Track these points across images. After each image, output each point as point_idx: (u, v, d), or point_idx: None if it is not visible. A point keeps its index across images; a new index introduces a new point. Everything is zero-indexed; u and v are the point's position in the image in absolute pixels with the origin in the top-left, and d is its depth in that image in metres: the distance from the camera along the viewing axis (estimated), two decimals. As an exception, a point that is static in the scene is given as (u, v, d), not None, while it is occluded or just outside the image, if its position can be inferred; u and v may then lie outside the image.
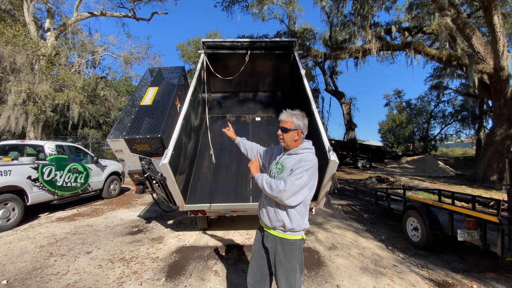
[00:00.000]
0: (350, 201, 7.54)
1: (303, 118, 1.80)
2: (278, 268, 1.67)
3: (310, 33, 16.86)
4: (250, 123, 4.97)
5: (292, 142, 1.77)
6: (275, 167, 1.80)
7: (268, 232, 1.74)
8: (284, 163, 1.75)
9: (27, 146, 5.93)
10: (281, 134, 1.77)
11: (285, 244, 1.68)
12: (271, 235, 1.72)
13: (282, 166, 1.75)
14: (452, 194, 5.10)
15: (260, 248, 1.80)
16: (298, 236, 1.70)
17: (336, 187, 2.96)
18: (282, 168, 1.74)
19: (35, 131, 11.60)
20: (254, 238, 1.87)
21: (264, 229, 1.78)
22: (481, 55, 9.73)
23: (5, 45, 10.32)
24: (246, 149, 2.22)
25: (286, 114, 1.80)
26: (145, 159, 3.78)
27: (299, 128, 1.76)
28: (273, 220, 1.70)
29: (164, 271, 3.09)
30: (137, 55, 17.13)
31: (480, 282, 2.99)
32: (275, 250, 1.69)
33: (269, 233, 1.73)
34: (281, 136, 1.78)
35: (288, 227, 1.66)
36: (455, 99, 25.03)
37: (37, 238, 4.16)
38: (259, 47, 5.28)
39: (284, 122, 1.77)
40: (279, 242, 1.69)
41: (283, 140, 1.79)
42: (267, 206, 1.74)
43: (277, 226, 1.69)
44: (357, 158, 18.35)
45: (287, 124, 1.76)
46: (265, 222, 1.74)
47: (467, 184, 9.84)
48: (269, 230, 1.74)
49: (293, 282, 1.67)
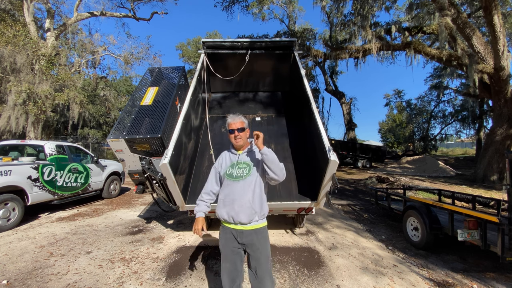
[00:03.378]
0: (350, 201, 7.54)
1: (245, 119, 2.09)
2: (259, 258, 1.87)
3: (310, 33, 16.85)
4: (250, 123, 4.97)
5: (245, 140, 2.05)
6: (237, 167, 1.98)
7: (243, 229, 1.89)
8: (247, 161, 1.99)
9: (27, 146, 5.93)
10: (238, 134, 1.99)
11: (261, 232, 1.92)
12: (246, 231, 1.89)
13: (247, 164, 1.97)
14: (452, 194, 5.10)
15: (233, 247, 1.91)
16: (266, 222, 2.00)
17: (336, 187, 2.96)
18: (248, 165, 1.97)
19: (35, 131, 11.60)
20: (222, 242, 1.96)
21: (238, 229, 1.90)
22: (481, 55, 9.73)
23: (5, 45, 10.33)
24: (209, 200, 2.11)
25: (236, 117, 2.05)
26: (145, 159, 3.78)
27: (247, 127, 2.08)
28: (250, 214, 1.87)
29: (164, 271, 3.09)
30: (137, 55, 17.15)
31: (480, 282, 2.99)
32: (252, 242, 1.88)
33: (244, 230, 1.89)
34: (238, 136, 2.00)
35: (260, 213, 1.92)
36: (455, 99, 25.07)
37: (37, 238, 4.17)
38: (259, 47, 5.27)
39: (237, 123, 2.00)
40: (255, 233, 1.90)
41: (241, 139, 2.00)
42: (241, 204, 1.88)
43: (253, 219, 1.89)
44: (357, 158, 18.35)
45: (241, 124, 2.01)
46: (241, 221, 1.87)
47: (467, 184, 9.84)
48: (244, 227, 1.89)
49: (270, 266, 1.94)
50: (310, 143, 4.04)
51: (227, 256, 1.92)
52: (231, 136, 2.02)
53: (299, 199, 3.46)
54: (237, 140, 2.01)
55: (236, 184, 1.93)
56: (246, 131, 2.05)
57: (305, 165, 4.01)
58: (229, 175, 1.98)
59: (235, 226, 1.91)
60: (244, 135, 2.03)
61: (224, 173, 2.02)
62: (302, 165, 4.04)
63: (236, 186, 1.92)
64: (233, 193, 1.91)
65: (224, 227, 1.97)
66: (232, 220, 1.89)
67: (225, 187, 1.98)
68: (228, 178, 1.98)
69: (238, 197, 1.90)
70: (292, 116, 5.05)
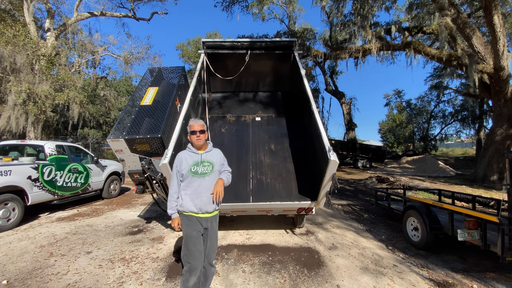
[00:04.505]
0: (350, 201, 7.54)
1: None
2: (214, 236, 2.32)
3: (310, 33, 16.85)
4: (250, 123, 4.97)
5: (204, 141, 2.36)
6: (201, 165, 2.27)
7: (207, 216, 2.24)
8: (209, 160, 2.31)
9: (27, 146, 5.93)
10: (200, 135, 2.30)
11: (216, 217, 2.37)
12: (209, 217, 2.26)
13: (209, 162, 2.30)
14: (452, 194, 5.10)
15: (198, 230, 2.20)
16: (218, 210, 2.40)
17: (336, 187, 2.96)
18: (211, 164, 2.30)
19: (35, 131, 11.60)
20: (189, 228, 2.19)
21: (203, 216, 2.22)
22: (481, 55, 9.72)
23: (5, 45, 10.32)
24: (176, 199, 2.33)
25: (198, 120, 2.36)
26: (145, 159, 3.78)
27: (207, 130, 2.42)
28: (213, 204, 2.25)
29: (164, 271, 3.09)
30: (137, 55, 17.13)
31: (480, 282, 2.99)
32: (212, 225, 2.29)
33: (208, 217, 2.25)
34: (200, 137, 2.30)
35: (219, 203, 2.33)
36: (455, 99, 25.05)
37: (37, 238, 4.16)
38: (259, 47, 5.28)
39: (199, 126, 2.31)
40: (214, 218, 2.32)
41: (201, 140, 2.31)
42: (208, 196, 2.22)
43: (215, 208, 2.30)
44: (357, 158, 18.35)
45: (202, 127, 2.33)
46: (208, 210, 2.22)
47: (467, 184, 9.84)
48: (208, 215, 2.25)
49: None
50: (310, 143, 4.04)
51: (195, 239, 2.17)
52: (193, 136, 2.30)
53: (299, 199, 3.46)
54: (198, 140, 2.30)
55: (202, 180, 2.22)
56: (205, 133, 2.35)
57: (305, 165, 4.01)
58: (194, 172, 2.22)
59: (201, 215, 2.21)
60: (203, 136, 2.33)
61: (187, 171, 2.22)
62: (302, 165, 4.04)
63: (203, 181, 2.22)
64: (200, 187, 2.20)
65: (189, 216, 2.20)
66: (200, 210, 2.19)
67: (191, 183, 2.21)
68: (193, 175, 2.22)
69: (205, 190, 2.21)
70: (292, 116, 5.05)
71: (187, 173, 2.22)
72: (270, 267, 3.19)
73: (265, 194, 3.58)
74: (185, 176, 2.23)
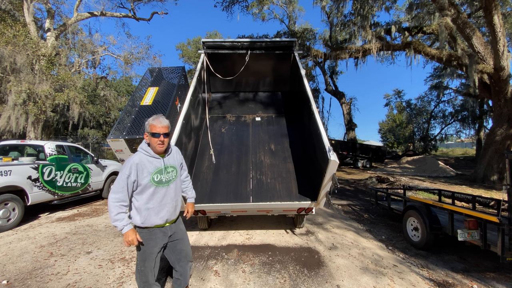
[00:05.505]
0: (350, 201, 7.54)
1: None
2: (184, 237, 2.10)
3: (310, 33, 16.86)
4: (250, 123, 4.97)
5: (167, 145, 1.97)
6: (166, 172, 1.91)
7: (172, 224, 2.02)
8: (173, 164, 1.99)
9: (27, 146, 5.93)
10: (164, 139, 1.87)
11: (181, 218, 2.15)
12: (174, 224, 2.04)
13: (173, 167, 1.98)
14: (452, 194, 5.10)
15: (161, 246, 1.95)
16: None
17: (336, 187, 2.96)
18: (174, 168, 2.00)
19: (35, 131, 11.60)
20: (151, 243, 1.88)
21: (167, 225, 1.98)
22: (481, 55, 9.73)
23: (5, 45, 10.32)
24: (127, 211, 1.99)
25: (163, 119, 1.90)
26: (145, 159, 3.78)
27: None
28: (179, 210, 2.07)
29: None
30: (137, 55, 17.12)
31: (481, 282, 2.99)
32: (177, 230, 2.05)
33: (173, 224, 2.03)
34: (163, 141, 1.87)
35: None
36: (455, 99, 25.06)
37: (37, 238, 4.16)
38: (259, 47, 5.28)
39: (165, 127, 1.88)
40: (179, 221, 2.10)
41: (164, 145, 1.89)
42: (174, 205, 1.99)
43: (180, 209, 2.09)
44: (357, 158, 18.35)
45: (167, 129, 1.90)
46: (173, 218, 2.01)
47: (467, 184, 9.84)
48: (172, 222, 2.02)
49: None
50: (310, 143, 4.04)
51: (155, 252, 1.91)
52: (155, 140, 1.84)
53: (299, 199, 3.46)
54: (160, 146, 1.87)
55: (167, 189, 1.90)
56: (169, 137, 1.94)
57: (305, 165, 4.01)
58: (158, 182, 1.85)
59: (165, 225, 1.96)
60: (167, 140, 1.91)
61: (149, 180, 1.83)
62: (302, 165, 4.04)
63: (168, 190, 1.91)
64: (165, 198, 1.89)
65: (151, 230, 1.89)
66: (165, 221, 1.93)
67: (154, 195, 1.85)
68: (157, 185, 1.85)
69: (170, 200, 1.93)
70: (292, 116, 5.05)
71: (149, 183, 1.82)
72: (270, 267, 3.19)
73: (265, 194, 3.58)
74: (145, 187, 1.82)
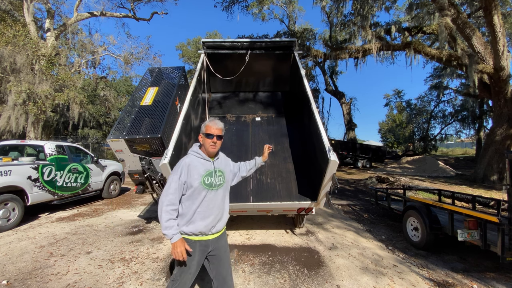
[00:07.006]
0: (350, 201, 7.54)
1: None
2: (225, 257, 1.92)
3: (310, 33, 16.86)
4: (250, 123, 4.97)
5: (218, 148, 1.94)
6: (215, 175, 1.87)
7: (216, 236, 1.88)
8: (221, 169, 1.94)
9: (27, 146, 5.93)
10: (217, 141, 1.86)
11: (225, 232, 2.01)
12: (217, 237, 1.89)
13: (221, 171, 1.94)
14: (452, 194, 5.10)
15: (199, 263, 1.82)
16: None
17: (336, 187, 2.96)
18: (222, 173, 1.94)
19: (35, 131, 11.60)
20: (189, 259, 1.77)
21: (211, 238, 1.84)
22: (481, 55, 9.73)
23: (5, 45, 10.32)
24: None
25: (218, 122, 1.91)
26: (145, 159, 3.79)
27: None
28: (226, 220, 1.96)
29: (164, 271, 3.09)
30: (137, 55, 17.13)
31: (481, 282, 2.99)
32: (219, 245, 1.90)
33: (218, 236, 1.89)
34: (216, 143, 1.87)
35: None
36: (455, 99, 25.04)
37: (37, 238, 4.16)
38: (259, 47, 5.27)
39: (219, 129, 1.87)
40: (223, 235, 1.97)
41: (216, 148, 1.88)
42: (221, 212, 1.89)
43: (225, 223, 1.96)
44: (357, 158, 18.35)
45: (221, 131, 1.89)
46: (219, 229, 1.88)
47: (467, 184, 9.84)
48: (218, 234, 1.89)
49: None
50: (310, 143, 4.04)
51: (192, 268, 1.78)
52: (208, 141, 1.84)
53: (299, 199, 3.46)
54: (214, 147, 1.86)
55: (215, 193, 1.85)
56: (222, 140, 1.92)
57: (305, 165, 4.01)
58: (208, 185, 1.82)
59: (210, 237, 1.83)
60: (220, 143, 1.90)
61: (200, 183, 1.79)
62: (302, 165, 4.04)
63: (216, 195, 1.86)
64: (213, 202, 1.83)
65: (191, 241, 1.78)
66: (210, 232, 1.81)
67: (203, 198, 1.80)
68: (207, 187, 1.81)
69: (217, 207, 1.86)
70: (292, 116, 5.05)
71: (200, 186, 1.78)
72: (270, 267, 3.19)
73: (265, 194, 3.58)
74: (196, 190, 1.79)
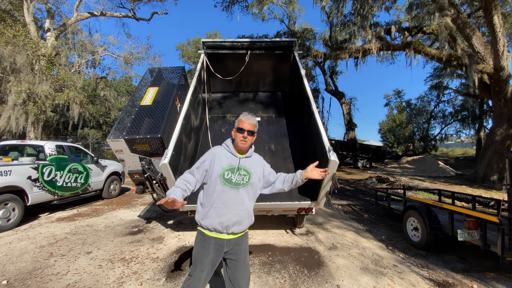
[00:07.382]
0: (350, 201, 7.54)
1: None
2: (242, 261, 1.77)
3: (310, 33, 16.86)
4: (250, 123, 4.96)
5: (250, 144, 1.85)
6: (238, 173, 1.77)
7: (233, 238, 1.76)
8: (247, 168, 1.80)
9: (27, 146, 5.93)
10: (247, 136, 1.78)
11: (246, 234, 1.87)
12: (235, 239, 1.77)
13: (247, 171, 1.79)
14: (452, 194, 5.10)
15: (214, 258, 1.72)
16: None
17: (336, 187, 2.96)
18: (248, 173, 1.79)
19: (35, 131, 11.60)
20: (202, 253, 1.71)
21: (227, 238, 1.74)
22: (481, 55, 9.73)
23: (5, 45, 10.32)
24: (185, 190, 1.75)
25: (251, 117, 1.84)
26: (145, 159, 3.78)
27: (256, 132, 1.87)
28: (247, 224, 1.81)
29: (164, 271, 3.09)
30: (137, 55, 17.13)
31: (481, 282, 2.99)
32: (237, 249, 1.77)
33: (235, 237, 1.77)
34: (246, 138, 1.78)
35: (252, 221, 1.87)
36: (455, 99, 25.05)
37: (37, 238, 4.16)
38: (259, 47, 5.27)
39: (251, 125, 1.80)
40: (244, 237, 1.83)
41: (247, 143, 1.80)
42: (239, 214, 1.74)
43: (247, 226, 1.82)
44: (357, 158, 18.36)
45: (253, 127, 1.82)
46: (235, 231, 1.74)
47: (467, 184, 9.84)
48: (235, 236, 1.77)
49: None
50: (310, 143, 4.03)
51: (203, 267, 1.69)
52: (239, 135, 1.78)
53: (299, 199, 3.46)
54: (243, 143, 1.78)
55: (234, 192, 1.73)
56: (254, 136, 1.84)
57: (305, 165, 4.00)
58: (227, 180, 1.72)
59: (225, 236, 1.73)
60: (251, 139, 1.81)
61: (219, 175, 1.73)
62: (302, 165, 4.03)
63: (237, 195, 1.74)
64: (231, 201, 1.72)
65: (207, 237, 1.73)
66: (225, 231, 1.71)
67: (221, 194, 1.72)
68: (225, 183, 1.72)
69: (237, 207, 1.73)
70: (292, 116, 5.05)
71: (217, 178, 1.72)
72: (270, 267, 3.19)
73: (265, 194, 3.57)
74: (213, 182, 1.73)
